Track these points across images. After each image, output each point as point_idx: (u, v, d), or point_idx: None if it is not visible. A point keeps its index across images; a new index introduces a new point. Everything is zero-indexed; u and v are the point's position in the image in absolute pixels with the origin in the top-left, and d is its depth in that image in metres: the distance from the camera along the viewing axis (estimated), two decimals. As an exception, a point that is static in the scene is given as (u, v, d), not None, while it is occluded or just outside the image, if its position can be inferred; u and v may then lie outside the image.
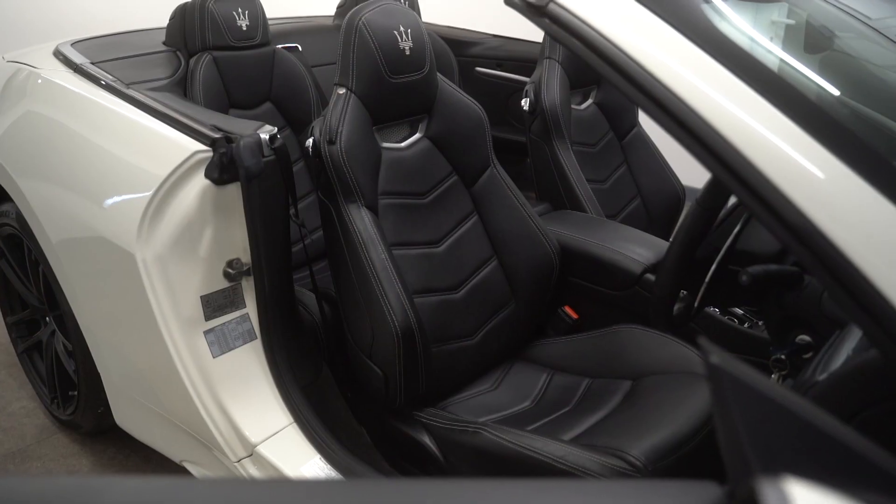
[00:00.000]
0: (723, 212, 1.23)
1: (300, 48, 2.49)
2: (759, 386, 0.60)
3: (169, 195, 1.52)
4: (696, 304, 1.23)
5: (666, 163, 2.52)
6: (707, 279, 1.19)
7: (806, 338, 1.14)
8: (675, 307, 1.31)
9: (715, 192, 1.18)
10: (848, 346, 0.95)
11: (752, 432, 0.61)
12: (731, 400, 0.61)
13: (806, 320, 1.14)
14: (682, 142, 0.92)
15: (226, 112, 2.19)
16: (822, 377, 0.90)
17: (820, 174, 0.82)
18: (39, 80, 1.96)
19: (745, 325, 1.74)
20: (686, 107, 0.90)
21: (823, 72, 1.17)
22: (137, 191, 1.55)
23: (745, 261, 1.18)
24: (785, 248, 1.18)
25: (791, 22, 1.43)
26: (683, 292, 1.30)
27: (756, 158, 0.84)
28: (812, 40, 1.38)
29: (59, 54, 2.04)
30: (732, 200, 1.24)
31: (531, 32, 2.79)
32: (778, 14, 1.43)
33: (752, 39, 1.09)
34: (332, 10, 2.93)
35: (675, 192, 2.51)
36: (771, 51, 1.10)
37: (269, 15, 2.30)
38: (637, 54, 0.94)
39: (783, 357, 1.11)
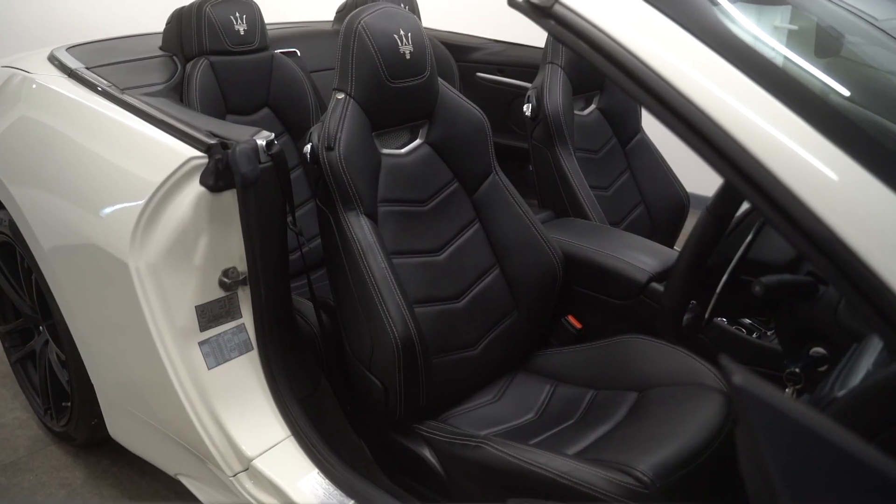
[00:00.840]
0: (733, 220, 1.19)
1: (299, 53, 2.46)
2: (787, 409, 0.56)
3: (163, 202, 1.48)
4: (706, 315, 1.19)
5: (670, 169, 2.49)
6: (718, 289, 1.15)
7: (821, 350, 1.10)
8: (685, 318, 1.27)
9: (726, 199, 1.14)
10: (867, 360, 0.91)
11: (778, 457, 0.58)
12: (756, 423, 0.57)
13: (820, 332, 1.10)
14: (694, 146, 0.88)
15: (223, 118, 2.16)
16: (841, 393, 0.86)
17: (839, 179, 0.78)
18: (34, 86, 1.92)
19: (754, 335, 1.70)
20: (697, 110, 0.86)
21: (836, 75, 1.13)
22: (131, 198, 1.51)
23: (757, 270, 1.14)
24: (799, 257, 1.15)
25: (801, 25, 1.40)
26: (693, 302, 1.26)
27: (771, 163, 0.81)
28: (822, 43, 1.35)
29: (53, 59, 2.01)
30: (743, 208, 1.21)
31: (533, 38, 2.77)
32: (785, 17, 1.40)
33: (763, 41, 1.05)
34: (331, 16, 2.90)
35: (679, 198, 2.47)
36: (783, 53, 1.06)
37: (267, 20, 2.27)
38: (646, 56, 0.91)
39: (797, 370, 1.08)
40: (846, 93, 1.10)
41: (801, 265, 1.13)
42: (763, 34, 1.08)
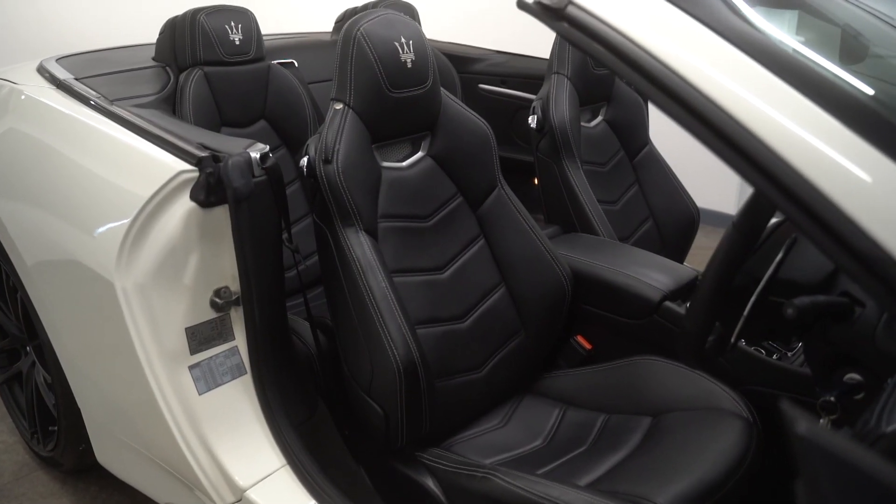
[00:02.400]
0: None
1: (296, 64, 2.39)
2: (857, 461, 0.48)
3: (151, 218, 1.41)
4: (733, 339, 1.11)
5: (679, 182, 2.41)
6: (746, 312, 1.07)
7: (856, 376, 1.02)
8: (708, 341, 1.19)
9: (753, 213, 1.07)
10: (916, 391, 0.83)
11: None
12: (822, 477, 0.49)
13: (856, 357, 1.02)
14: (720, 153, 0.81)
15: (218, 130, 2.09)
16: (890, 429, 0.78)
17: (880, 183, 0.71)
18: (22, 97, 1.86)
19: (774, 356, 1.62)
20: (725, 114, 0.79)
21: (869, 79, 1.06)
22: (117, 213, 1.44)
23: (785, 290, 1.07)
24: (831, 276, 1.07)
25: (823, 29, 1.34)
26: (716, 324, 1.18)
27: (807, 169, 0.74)
28: (847, 48, 1.28)
29: (43, 70, 1.95)
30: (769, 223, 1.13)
31: (537, 49, 2.71)
32: (807, 20, 1.34)
33: (791, 42, 0.98)
34: (329, 26, 2.84)
35: (689, 213, 2.40)
36: (812, 53, 0.99)
37: (263, 31, 2.21)
38: (669, 58, 0.84)
39: (832, 399, 0.99)
40: (887, 97, 1.03)
41: (834, 285, 1.05)
42: (790, 35, 1.02)
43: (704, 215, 2.52)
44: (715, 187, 3.72)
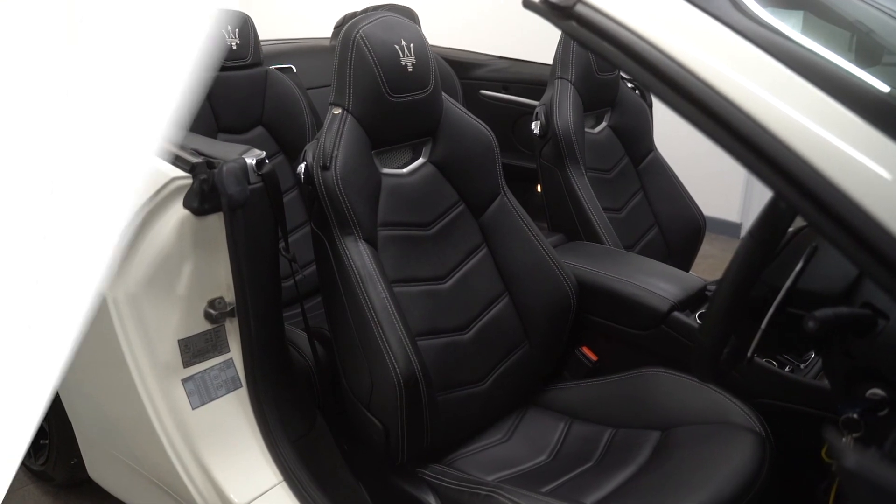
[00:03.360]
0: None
1: (294, 69, 2.36)
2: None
3: (143, 226, 1.36)
4: (749, 353, 1.06)
5: (685, 189, 2.37)
6: (764, 324, 1.03)
7: (879, 392, 0.97)
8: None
9: (771, 220, 1.02)
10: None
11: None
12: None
13: (878, 371, 0.97)
14: (741, 157, 0.76)
15: (214, 137, 2.05)
16: (923, 450, 0.73)
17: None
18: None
19: (787, 368, 1.58)
20: (745, 116, 0.75)
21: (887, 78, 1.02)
22: (108, 222, 1.39)
23: (804, 302, 1.02)
24: (852, 287, 1.02)
25: (838, 30, 1.30)
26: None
27: (836, 175, 0.69)
28: (863, 50, 1.24)
29: (36, 75, 1.90)
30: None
31: (540, 54, 2.67)
32: (820, 22, 1.30)
33: (811, 42, 0.94)
34: (328, 31, 2.81)
35: (694, 220, 2.35)
36: (834, 53, 0.95)
37: (261, 37, 2.17)
38: (684, 58, 0.79)
39: (855, 416, 0.95)
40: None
41: (855, 296, 1.01)
42: (810, 36, 0.97)
43: (708, 223, 2.47)
44: (718, 194, 3.68)
